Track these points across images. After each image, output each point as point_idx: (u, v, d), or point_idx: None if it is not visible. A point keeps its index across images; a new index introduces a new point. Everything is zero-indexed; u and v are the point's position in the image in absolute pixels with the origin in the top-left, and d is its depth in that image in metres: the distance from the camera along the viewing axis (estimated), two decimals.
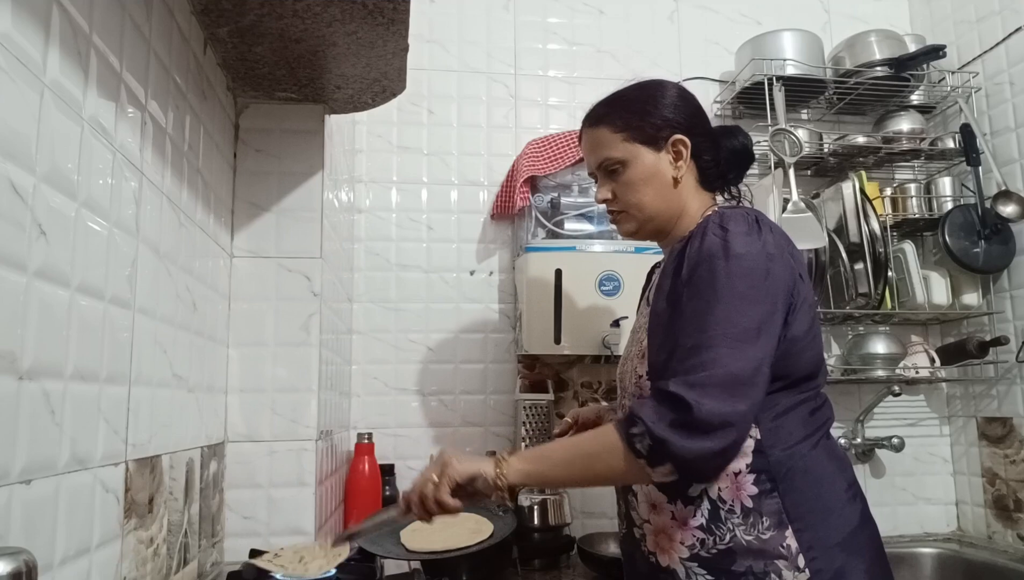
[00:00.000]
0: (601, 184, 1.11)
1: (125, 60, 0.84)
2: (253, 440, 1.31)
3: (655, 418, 0.86)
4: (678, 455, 0.85)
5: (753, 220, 0.96)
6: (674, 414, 0.86)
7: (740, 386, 0.87)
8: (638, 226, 1.09)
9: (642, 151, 1.06)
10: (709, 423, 0.85)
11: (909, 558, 1.81)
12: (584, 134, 1.13)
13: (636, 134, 1.06)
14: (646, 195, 1.06)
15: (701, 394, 0.85)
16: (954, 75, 1.98)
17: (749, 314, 0.90)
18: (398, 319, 1.89)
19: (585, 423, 1.23)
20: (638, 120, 1.06)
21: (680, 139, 1.06)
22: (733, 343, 0.88)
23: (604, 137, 1.08)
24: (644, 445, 0.87)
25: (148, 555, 0.91)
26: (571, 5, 2.09)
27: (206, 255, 1.18)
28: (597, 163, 1.10)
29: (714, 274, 0.92)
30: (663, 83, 1.10)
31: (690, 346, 0.90)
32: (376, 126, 1.95)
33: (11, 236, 0.60)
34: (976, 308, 1.90)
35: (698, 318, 0.91)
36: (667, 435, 0.85)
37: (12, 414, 0.60)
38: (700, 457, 0.86)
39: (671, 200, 1.07)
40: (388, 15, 1.10)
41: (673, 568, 0.97)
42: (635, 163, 1.06)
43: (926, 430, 2.02)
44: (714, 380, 0.86)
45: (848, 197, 1.83)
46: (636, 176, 1.06)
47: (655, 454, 0.86)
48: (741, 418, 0.87)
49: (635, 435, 0.87)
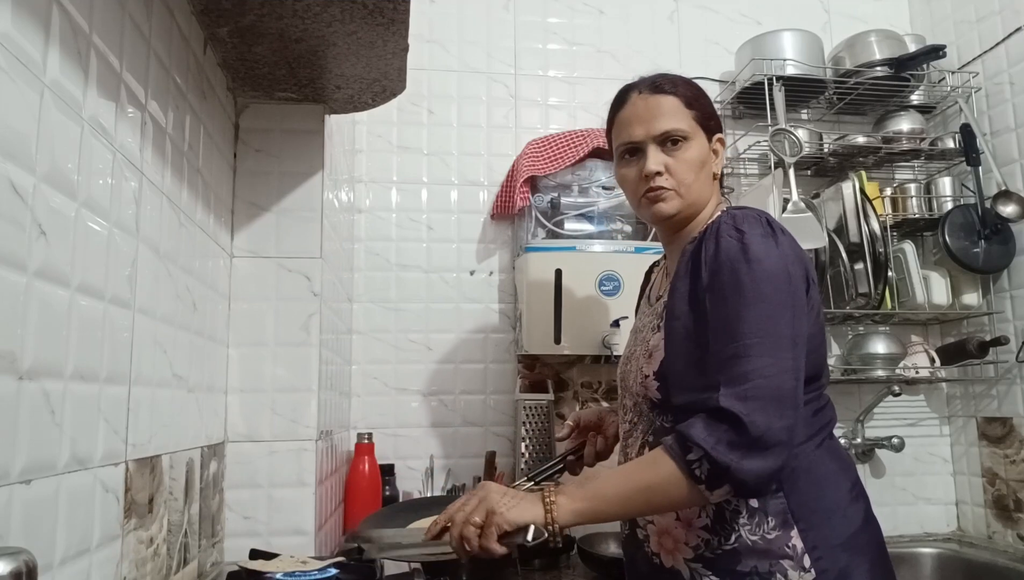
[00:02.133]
0: (653, 154, 1.02)
1: (125, 60, 0.84)
2: (253, 440, 1.31)
3: (712, 441, 0.84)
4: (738, 477, 0.83)
5: (766, 222, 0.96)
6: (731, 435, 0.84)
7: (786, 400, 0.86)
8: (680, 208, 1.04)
9: (702, 135, 1.05)
10: (766, 441, 0.83)
11: (909, 558, 1.81)
12: (640, 100, 1.05)
13: (700, 117, 1.05)
14: (698, 179, 1.04)
15: (751, 408, 0.84)
16: (954, 75, 1.98)
17: (780, 320, 0.89)
18: (398, 319, 1.89)
19: (587, 426, 1.23)
20: (703, 104, 1.06)
21: (721, 137, 1.08)
22: (772, 351, 0.87)
23: (675, 107, 1.03)
24: (703, 470, 0.84)
25: (148, 555, 0.91)
26: (571, 5, 2.09)
27: (206, 255, 1.18)
28: (661, 131, 1.02)
29: (738, 279, 0.91)
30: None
31: (729, 355, 0.88)
32: (376, 126, 1.95)
33: (11, 236, 0.60)
34: (976, 308, 1.90)
35: (730, 325, 0.89)
36: (727, 459, 0.83)
37: (12, 414, 0.60)
38: (759, 478, 0.84)
39: (709, 192, 1.06)
40: (388, 15, 1.10)
41: (677, 569, 0.97)
42: (697, 143, 1.04)
43: (926, 430, 2.02)
44: (762, 393, 0.85)
45: (848, 197, 1.83)
46: (696, 157, 1.03)
47: (714, 478, 0.84)
48: (791, 434, 0.86)
49: (693, 462, 0.85)
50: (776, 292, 0.90)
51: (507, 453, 1.85)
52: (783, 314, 0.89)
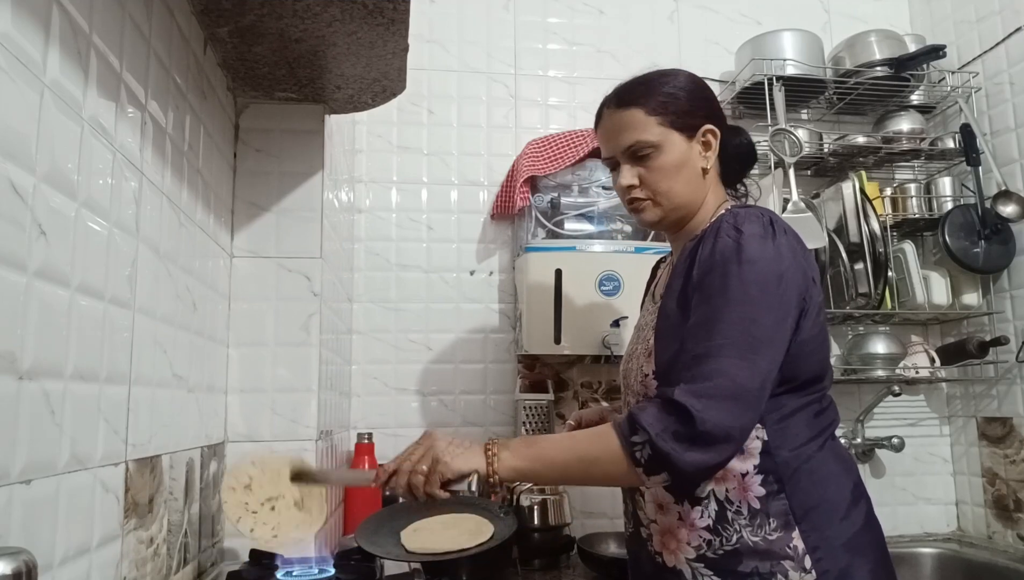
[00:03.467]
0: (626, 169, 1.04)
1: (125, 60, 0.84)
2: (253, 440, 1.31)
3: (659, 428, 0.85)
4: (676, 467, 0.85)
5: (768, 222, 0.95)
6: (678, 425, 0.85)
7: (745, 399, 0.86)
8: (663, 215, 1.05)
9: (676, 137, 1.03)
10: (712, 436, 0.84)
11: (909, 558, 1.81)
12: (607, 116, 1.07)
13: (671, 119, 1.02)
14: (677, 183, 1.03)
15: (706, 405, 0.84)
16: (954, 75, 1.98)
17: (760, 322, 0.89)
18: (398, 319, 1.89)
19: (588, 426, 1.23)
20: (673, 104, 1.03)
21: (711, 129, 1.05)
22: (742, 353, 0.87)
23: (636, 119, 1.03)
24: (644, 454, 0.86)
25: (148, 555, 0.91)
26: (571, 5, 2.08)
27: (206, 255, 1.18)
28: (625, 146, 1.04)
29: (727, 279, 0.91)
30: (689, 73, 1.08)
31: (697, 354, 0.89)
32: (376, 126, 1.95)
33: (11, 236, 0.60)
34: (976, 308, 1.90)
35: (707, 325, 0.90)
36: (669, 448, 0.84)
37: (12, 414, 0.60)
38: (698, 470, 0.86)
39: (698, 191, 1.05)
40: (388, 15, 1.10)
41: (679, 568, 0.97)
42: (669, 148, 1.02)
43: (926, 430, 2.02)
44: (720, 391, 0.85)
45: (848, 197, 1.83)
46: (669, 161, 1.02)
47: (653, 464, 0.86)
48: (742, 432, 0.87)
49: (636, 444, 0.86)
50: (763, 295, 0.90)
51: None
52: (765, 317, 0.89)
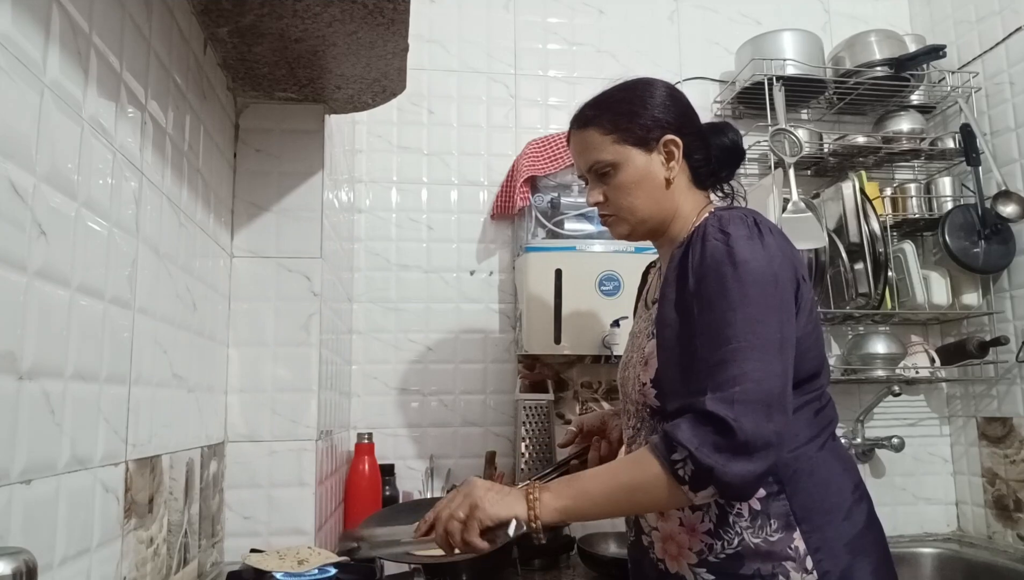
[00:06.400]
0: (592, 187, 1.08)
1: (125, 60, 0.84)
2: (253, 440, 1.31)
3: (697, 442, 0.84)
4: (722, 480, 0.83)
5: (752, 222, 0.95)
6: (716, 436, 0.83)
7: (774, 404, 0.86)
8: (631, 229, 1.07)
9: (633, 153, 1.03)
10: (752, 445, 0.83)
11: (909, 558, 1.81)
12: (572, 136, 1.11)
13: (626, 136, 1.03)
14: (638, 198, 1.04)
15: (739, 412, 0.83)
16: (954, 75, 1.98)
17: (767, 323, 0.88)
18: (398, 319, 1.89)
19: (591, 431, 1.22)
20: (627, 121, 1.04)
21: (672, 139, 1.04)
22: (760, 355, 0.87)
23: (593, 139, 1.05)
24: (687, 471, 0.84)
25: (148, 555, 0.91)
26: (571, 5, 2.08)
27: (206, 255, 1.18)
28: (587, 166, 1.07)
29: (723, 282, 0.90)
30: (651, 82, 1.08)
31: (714, 361, 0.88)
32: (376, 126, 1.95)
33: (11, 236, 0.60)
34: (976, 308, 1.90)
35: (717, 330, 0.89)
36: (712, 461, 0.83)
37: (12, 414, 0.60)
38: (745, 481, 0.84)
39: (664, 202, 1.05)
40: (388, 15, 1.10)
41: (682, 574, 0.97)
42: (626, 165, 1.03)
43: (926, 430, 2.02)
44: (750, 396, 0.85)
45: (848, 197, 1.83)
46: (627, 179, 1.03)
47: (698, 480, 0.84)
48: (779, 438, 0.86)
49: (677, 462, 0.85)
50: (762, 295, 0.89)
51: (507, 453, 1.85)
52: (770, 317, 0.89)
